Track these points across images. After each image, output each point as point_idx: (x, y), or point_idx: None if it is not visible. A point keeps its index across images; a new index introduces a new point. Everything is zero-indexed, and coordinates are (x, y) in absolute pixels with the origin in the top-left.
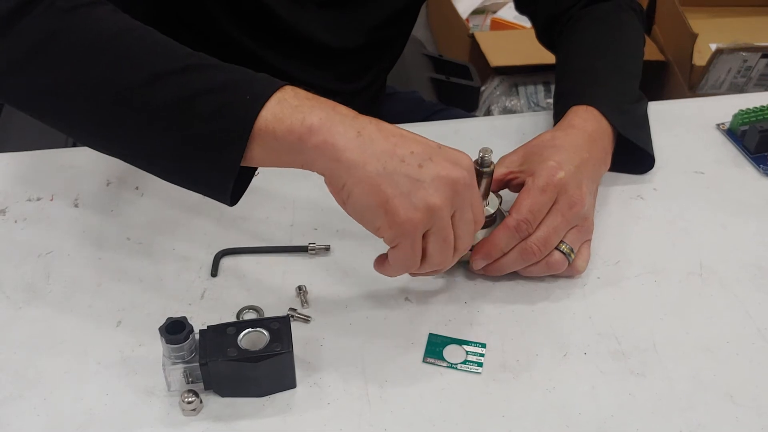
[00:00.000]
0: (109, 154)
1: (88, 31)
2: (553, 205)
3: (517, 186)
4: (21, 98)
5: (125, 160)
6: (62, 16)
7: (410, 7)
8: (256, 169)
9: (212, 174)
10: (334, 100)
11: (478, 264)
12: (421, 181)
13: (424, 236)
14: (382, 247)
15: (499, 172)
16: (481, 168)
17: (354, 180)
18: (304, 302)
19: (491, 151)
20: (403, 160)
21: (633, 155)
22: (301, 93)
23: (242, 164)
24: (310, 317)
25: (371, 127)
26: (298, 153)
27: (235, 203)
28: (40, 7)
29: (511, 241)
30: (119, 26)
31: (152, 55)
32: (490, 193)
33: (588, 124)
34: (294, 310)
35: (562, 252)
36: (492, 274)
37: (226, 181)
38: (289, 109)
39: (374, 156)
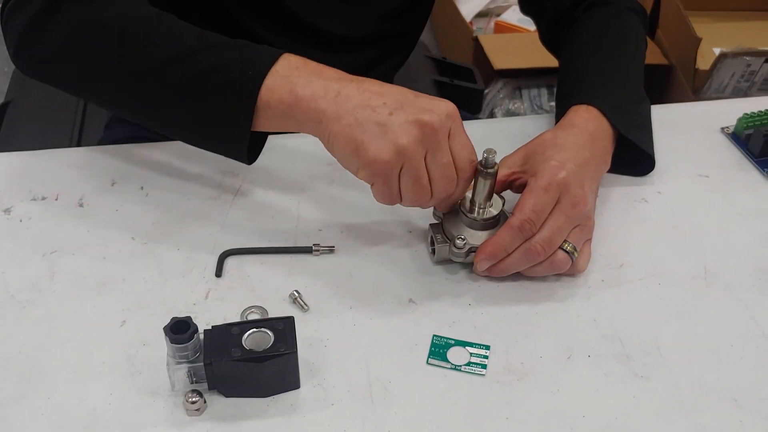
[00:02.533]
0: (145, 126)
1: (109, 20)
2: (556, 205)
3: (519, 186)
4: (62, 81)
5: (159, 131)
6: (86, 7)
7: (416, 2)
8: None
9: (228, 142)
10: None
11: (483, 265)
12: (390, 125)
13: (399, 175)
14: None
15: (501, 173)
16: (485, 169)
17: (333, 133)
18: (304, 305)
19: (495, 152)
20: (374, 110)
21: (633, 156)
22: (293, 62)
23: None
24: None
25: (351, 86)
26: (290, 119)
27: (253, 162)
28: (68, 2)
29: (515, 241)
30: (135, 14)
31: (166, 39)
32: (494, 195)
33: (589, 124)
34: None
35: (565, 251)
36: (496, 275)
37: (241, 147)
38: (280, 80)
39: (349, 110)
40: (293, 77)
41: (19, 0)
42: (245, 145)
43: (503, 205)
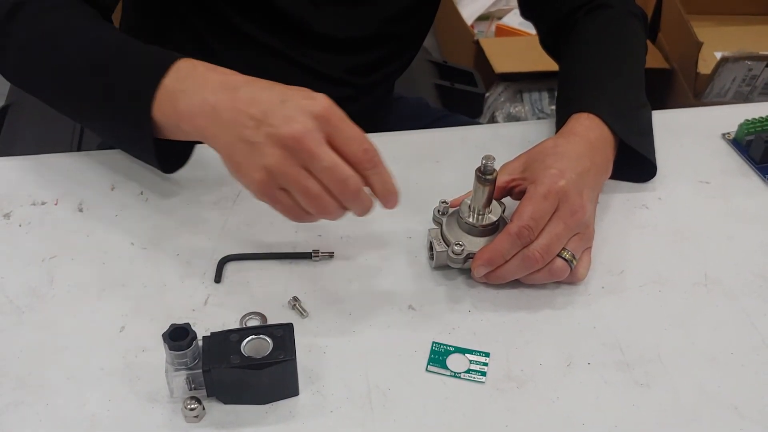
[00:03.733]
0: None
1: (46, 35)
2: (554, 213)
3: (519, 193)
4: (20, 83)
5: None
6: (32, 22)
7: (420, 5)
8: (193, 143)
9: (139, 152)
10: (344, 91)
11: (480, 271)
12: (257, 143)
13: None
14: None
15: (501, 180)
16: (484, 175)
17: (218, 151)
18: (303, 311)
19: (494, 159)
20: (243, 126)
21: (634, 163)
22: (182, 71)
23: (158, 137)
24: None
25: (226, 96)
26: (182, 132)
27: (173, 170)
28: (20, 14)
29: (513, 248)
30: (66, 31)
31: (83, 50)
32: (493, 201)
33: (590, 132)
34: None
35: (564, 259)
36: (494, 281)
37: (150, 158)
38: (166, 95)
39: (223, 127)
40: (178, 90)
41: None
42: (153, 157)
43: (503, 211)
